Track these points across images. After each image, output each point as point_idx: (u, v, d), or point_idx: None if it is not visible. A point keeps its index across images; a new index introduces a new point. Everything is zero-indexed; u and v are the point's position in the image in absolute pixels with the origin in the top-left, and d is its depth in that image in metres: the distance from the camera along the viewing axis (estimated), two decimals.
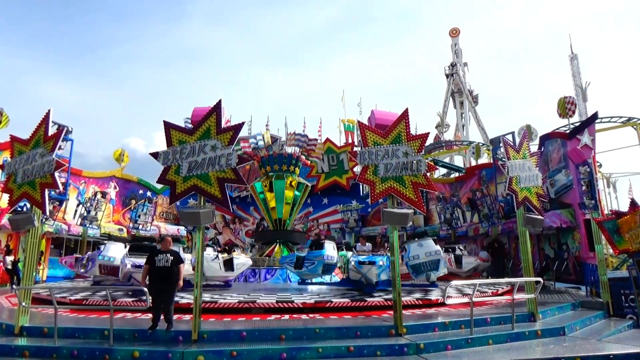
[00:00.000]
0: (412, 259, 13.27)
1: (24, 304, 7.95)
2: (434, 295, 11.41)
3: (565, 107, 21.87)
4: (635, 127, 23.66)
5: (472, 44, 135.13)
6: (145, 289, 7.43)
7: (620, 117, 23.60)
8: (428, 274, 13.16)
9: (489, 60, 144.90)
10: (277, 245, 19.36)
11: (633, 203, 10.56)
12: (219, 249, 15.76)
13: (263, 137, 21.54)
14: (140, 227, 22.65)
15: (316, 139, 26.76)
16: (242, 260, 14.64)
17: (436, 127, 53.67)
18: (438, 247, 13.63)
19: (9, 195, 8.85)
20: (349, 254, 14.54)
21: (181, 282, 7.86)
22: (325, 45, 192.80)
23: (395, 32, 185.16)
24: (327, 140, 29.15)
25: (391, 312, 8.16)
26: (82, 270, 15.26)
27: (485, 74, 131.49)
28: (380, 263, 12.31)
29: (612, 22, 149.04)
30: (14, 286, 14.96)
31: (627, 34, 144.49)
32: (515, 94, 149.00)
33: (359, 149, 8.74)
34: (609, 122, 23.52)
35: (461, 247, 19.24)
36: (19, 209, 9.63)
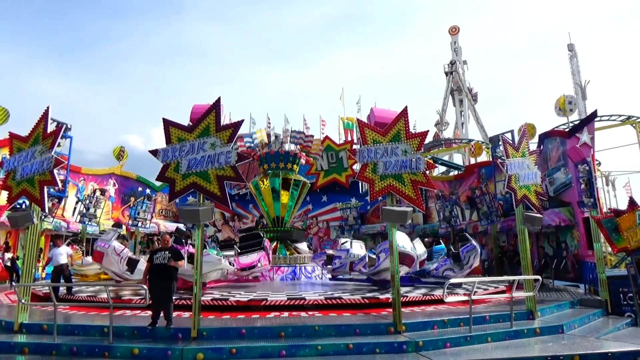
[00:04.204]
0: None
1: (23, 300, 7.97)
2: (434, 292, 11.42)
3: (565, 106, 21.87)
4: (634, 125, 23.59)
5: (471, 41, 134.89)
6: (145, 287, 7.47)
7: (620, 116, 23.51)
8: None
9: (489, 58, 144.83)
10: (276, 243, 19.37)
11: (632, 201, 10.58)
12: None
13: (256, 137, 21.57)
14: (140, 224, 22.62)
15: (312, 135, 26.90)
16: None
17: (435, 125, 53.52)
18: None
19: (7, 192, 8.84)
20: None
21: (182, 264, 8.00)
22: (324, 42, 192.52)
23: (395, 29, 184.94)
24: (327, 138, 29.13)
25: (390, 310, 8.19)
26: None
27: (485, 72, 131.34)
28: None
29: (612, 20, 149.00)
30: (14, 283, 14.97)
31: (627, 33, 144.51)
32: (514, 92, 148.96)
33: (358, 146, 8.74)
34: (608, 120, 23.43)
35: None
36: (18, 206, 9.64)
